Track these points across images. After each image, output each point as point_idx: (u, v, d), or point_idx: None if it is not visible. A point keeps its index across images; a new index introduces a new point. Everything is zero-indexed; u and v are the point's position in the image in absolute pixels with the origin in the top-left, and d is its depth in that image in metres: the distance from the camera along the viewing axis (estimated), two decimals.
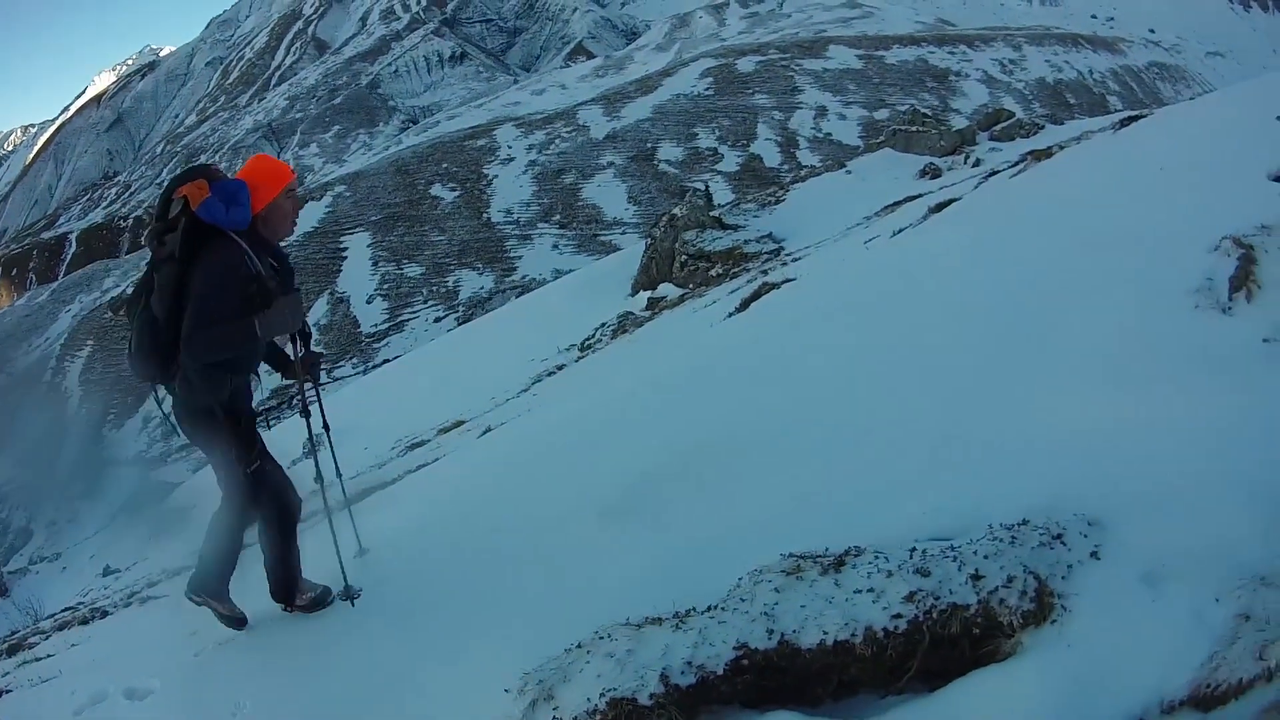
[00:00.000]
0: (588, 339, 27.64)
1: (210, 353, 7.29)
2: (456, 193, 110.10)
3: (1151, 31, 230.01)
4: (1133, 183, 11.88)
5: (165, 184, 7.76)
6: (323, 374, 9.32)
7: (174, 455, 78.29)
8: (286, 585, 8.82)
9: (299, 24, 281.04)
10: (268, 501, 8.47)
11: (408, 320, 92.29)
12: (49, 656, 13.04)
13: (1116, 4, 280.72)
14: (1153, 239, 9.13)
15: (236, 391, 8.03)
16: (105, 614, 16.25)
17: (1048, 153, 23.49)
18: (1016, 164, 25.08)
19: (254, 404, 8.70)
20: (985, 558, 5.22)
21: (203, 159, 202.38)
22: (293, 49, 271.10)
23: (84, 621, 16.19)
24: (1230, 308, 7.42)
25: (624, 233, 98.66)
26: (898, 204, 27.04)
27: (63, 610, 22.22)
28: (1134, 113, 32.91)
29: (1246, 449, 5.77)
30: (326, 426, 9.78)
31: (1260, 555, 4.90)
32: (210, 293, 7.24)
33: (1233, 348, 6.87)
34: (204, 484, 36.14)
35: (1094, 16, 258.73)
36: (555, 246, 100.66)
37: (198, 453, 9.04)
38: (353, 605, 8.40)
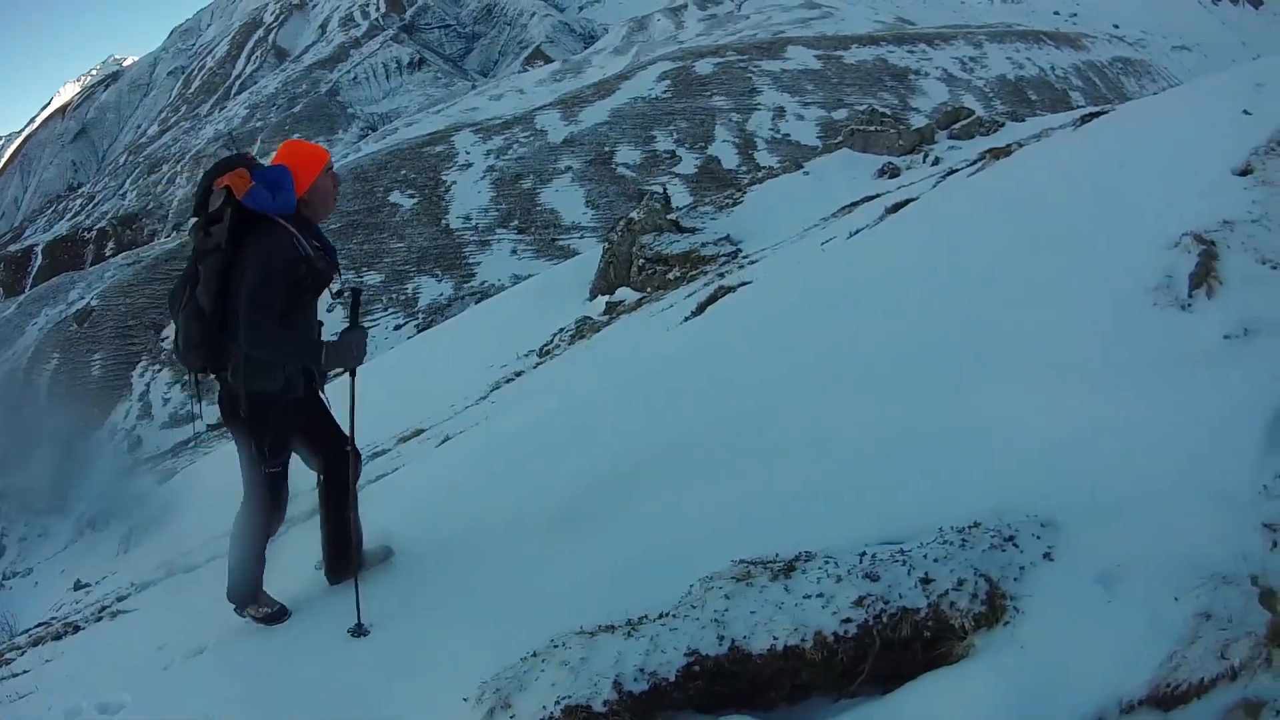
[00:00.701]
0: (546, 345, 27.67)
1: (269, 348, 7.36)
2: (415, 199, 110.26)
3: (1116, 27, 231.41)
4: (1093, 180, 11.88)
5: (201, 176, 7.75)
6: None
7: (142, 467, 77.53)
8: (245, 590, 8.69)
9: (259, 32, 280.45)
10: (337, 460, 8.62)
11: (368, 328, 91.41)
12: (25, 672, 13.00)
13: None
14: (1112, 236, 9.14)
15: (290, 380, 7.96)
16: (78, 629, 16.24)
17: (1007, 151, 23.66)
18: (975, 162, 25.19)
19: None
20: (935, 561, 5.24)
21: (164, 169, 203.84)
22: (253, 57, 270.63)
23: (57, 637, 16.14)
24: (1190, 304, 7.42)
25: (582, 237, 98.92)
26: (855, 204, 27.06)
27: (37, 625, 22.07)
28: (1096, 109, 33.09)
29: (1206, 448, 5.78)
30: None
31: (1221, 554, 4.90)
32: (264, 280, 7.28)
33: (1192, 345, 6.87)
34: (173, 493, 36.17)
35: (1056, 13, 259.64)
36: (514, 252, 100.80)
37: (166, 463, 8.83)
38: (354, 636, 7.98)
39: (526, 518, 8.60)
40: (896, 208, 19.90)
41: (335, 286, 8.12)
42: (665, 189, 44.41)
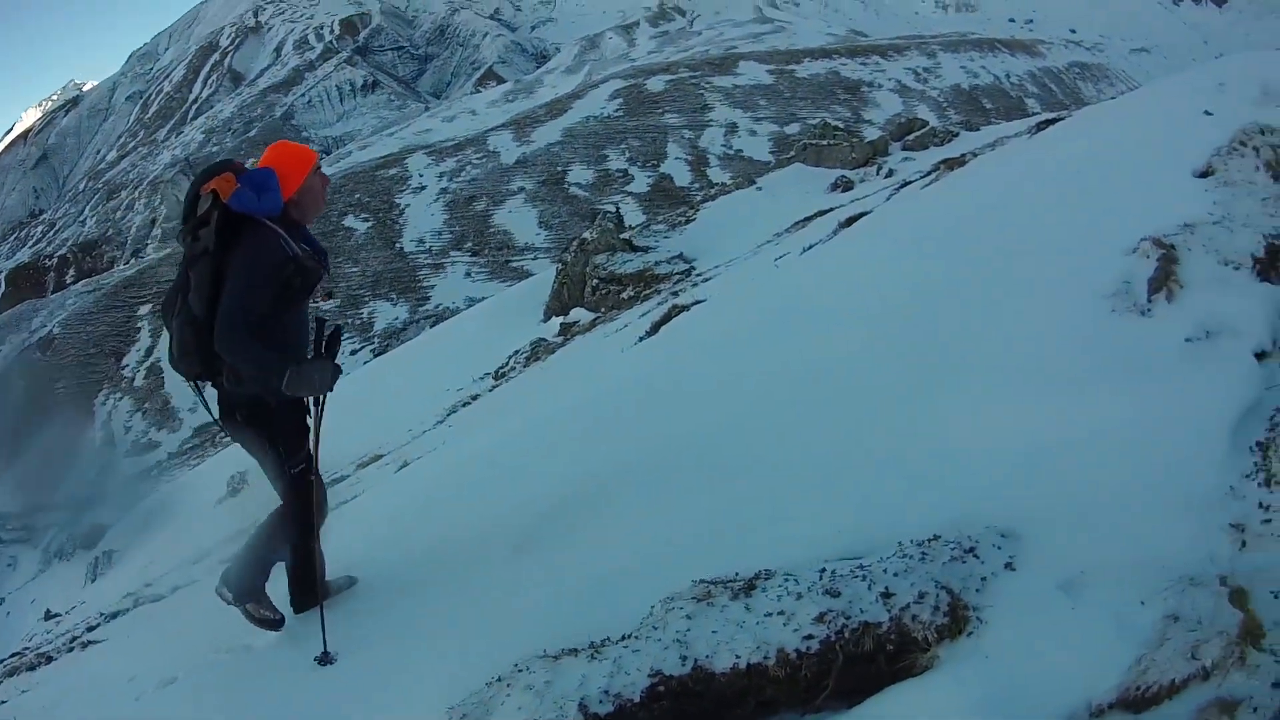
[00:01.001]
0: (501, 367, 27.74)
1: (236, 353, 7.19)
2: (369, 223, 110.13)
3: (1073, 31, 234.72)
4: (1049, 187, 11.91)
5: (190, 182, 7.67)
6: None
7: (105, 497, 77.52)
8: (250, 584, 8.48)
9: (215, 56, 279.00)
10: (296, 505, 8.29)
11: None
12: (3, 703, 13.23)
13: (1037, 6, 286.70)
14: (1069, 244, 9.15)
15: None
16: (50, 659, 16.46)
17: (961, 161, 23.65)
18: (929, 173, 25.26)
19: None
20: (895, 575, 5.27)
21: (123, 195, 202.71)
22: (209, 81, 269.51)
23: (31, 667, 16.37)
24: (1149, 309, 7.46)
25: (535, 258, 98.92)
26: (808, 219, 27.16)
27: (10, 656, 22.08)
28: (1052, 115, 33.43)
29: (1168, 451, 5.80)
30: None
31: (1187, 556, 4.94)
32: (248, 279, 7.23)
33: (1152, 350, 6.91)
34: (133, 525, 36.03)
35: (1012, 20, 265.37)
36: (468, 274, 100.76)
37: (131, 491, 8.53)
38: (321, 665, 7.80)
39: (488, 542, 8.58)
40: (850, 221, 19.95)
41: (327, 287, 8.24)
42: (618, 208, 44.97)
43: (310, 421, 8.23)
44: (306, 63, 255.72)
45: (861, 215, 20.00)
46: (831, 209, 27.20)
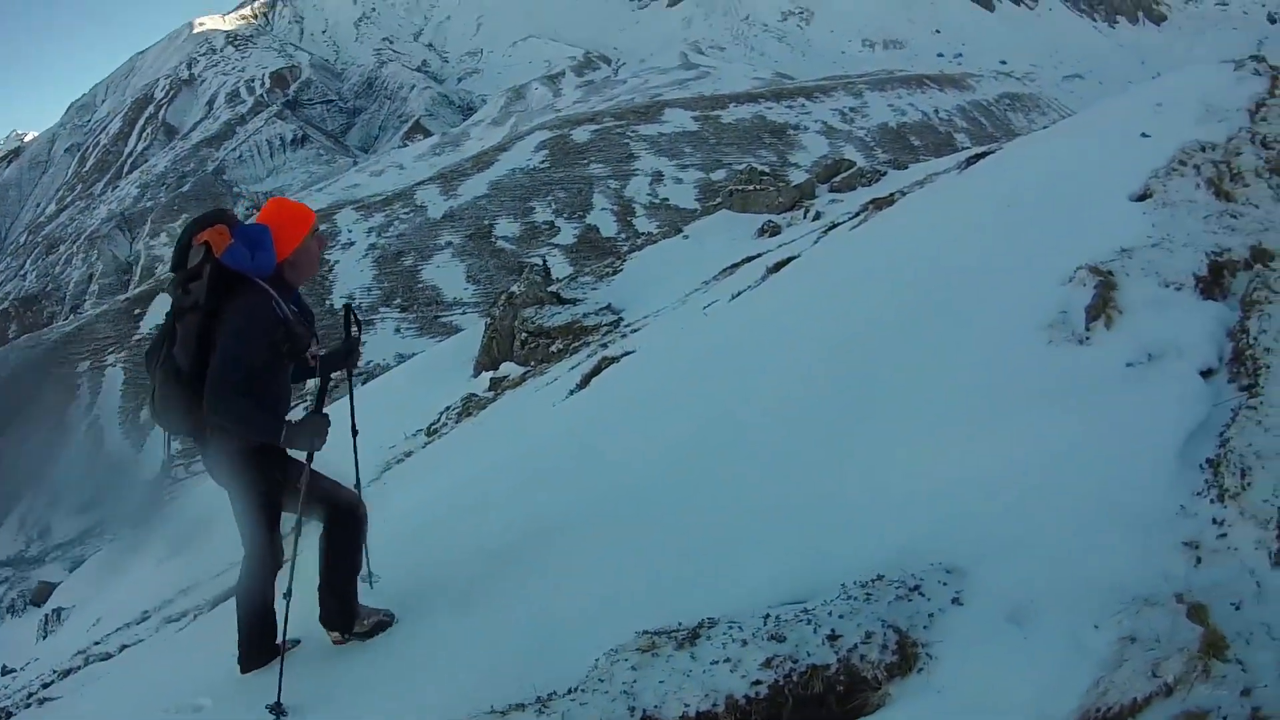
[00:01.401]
0: (434, 423, 27.42)
1: (228, 417, 7.05)
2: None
3: (1003, 63, 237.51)
4: (981, 222, 12.03)
5: (181, 229, 7.50)
6: (182, 469, 8.70)
7: (51, 555, 77.05)
8: (347, 610, 8.28)
9: (150, 109, 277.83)
10: (339, 511, 8.17)
11: (327, 414, 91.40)
12: None
13: (967, 39, 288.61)
14: (1003, 278, 9.25)
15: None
16: (10, 715, 16.30)
17: (890, 200, 23.86)
18: (857, 214, 25.24)
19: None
20: (840, 617, 5.24)
21: (61, 249, 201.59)
22: (144, 135, 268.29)
23: None
24: (1088, 338, 7.51)
25: (464, 313, 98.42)
26: (736, 266, 27.09)
27: None
28: (981, 149, 33.30)
29: (1114, 476, 5.80)
30: (355, 430, 9.30)
31: (1139, 577, 4.93)
32: (239, 342, 7.05)
33: (1092, 377, 6.93)
34: (82, 582, 35.85)
35: (940, 55, 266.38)
36: (398, 330, 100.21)
37: (75, 550, 8.35)
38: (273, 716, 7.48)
39: (429, 599, 8.49)
40: (778, 267, 19.93)
41: (313, 350, 7.87)
42: (545, 261, 44.99)
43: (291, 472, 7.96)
44: (238, 116, 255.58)
45: (790, 259, 20.04)
46: (759, 254, 27.22)
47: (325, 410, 7.61)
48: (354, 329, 8.26)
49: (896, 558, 5.65)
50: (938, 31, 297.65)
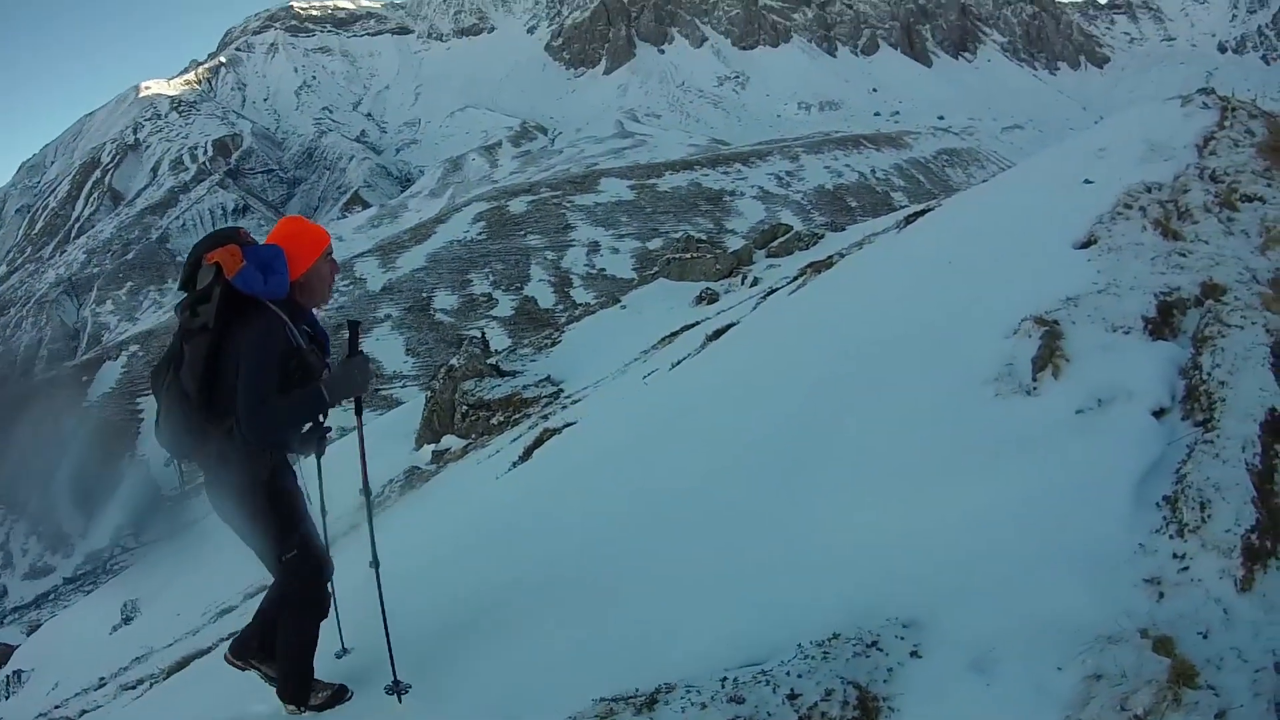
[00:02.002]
0: (377, 496, 27.09)
1: (282, 429, 6.98)
2: None
3: (941, 118, 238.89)
4: (920, 281, 12.07)
5: (192, 248, 7.18)
6: (131, 538, 8.43)
7: (9, 617, 76.95)
8: (301, 682, 7.89)
9: (97, 173, 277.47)
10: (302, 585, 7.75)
11: (200, 482, 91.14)
12: None
13: (903, 96, 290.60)
14: (947, 334, 9.25)
15: (278, 468, 7.37)
16: None
17: (828, 263, 23.83)
18: (795, 279, 25.22)
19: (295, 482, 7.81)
20: (799, 676, 5.18)
21: (11, 312, 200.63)
22: (91, 199, 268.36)
23: None
24: (1035, 388, 7.53)
25: (404, 386, 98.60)
26: (675, 334, 27.20)
27: None
28: (920, 207, 33.91)
29: (1071, 519, 5.79)
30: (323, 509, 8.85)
31: (1101, 617, 4.91)
32: (259, 372, 6.78)
33: (1042, 428, 6.92)
34: (38, 648, 35.74)
35: (877, 114, 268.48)
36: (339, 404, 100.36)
37: (31, 613, 8.06)
38: (400, 701, 7.36)
39: (376, 672, 8.09)
40: (718, 334, 19.93)
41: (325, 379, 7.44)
42: (484, 333, 45.48)
43: (305, 494, 7.97)
44: (181, 184, 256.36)
45: (729, 326, 20.07)
46: (698, 322, 27.43)
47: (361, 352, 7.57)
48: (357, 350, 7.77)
49: (852, 615, 5.63)
50: (874, 90, 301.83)
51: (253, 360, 6.74)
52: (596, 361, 30.16)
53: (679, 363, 18.52)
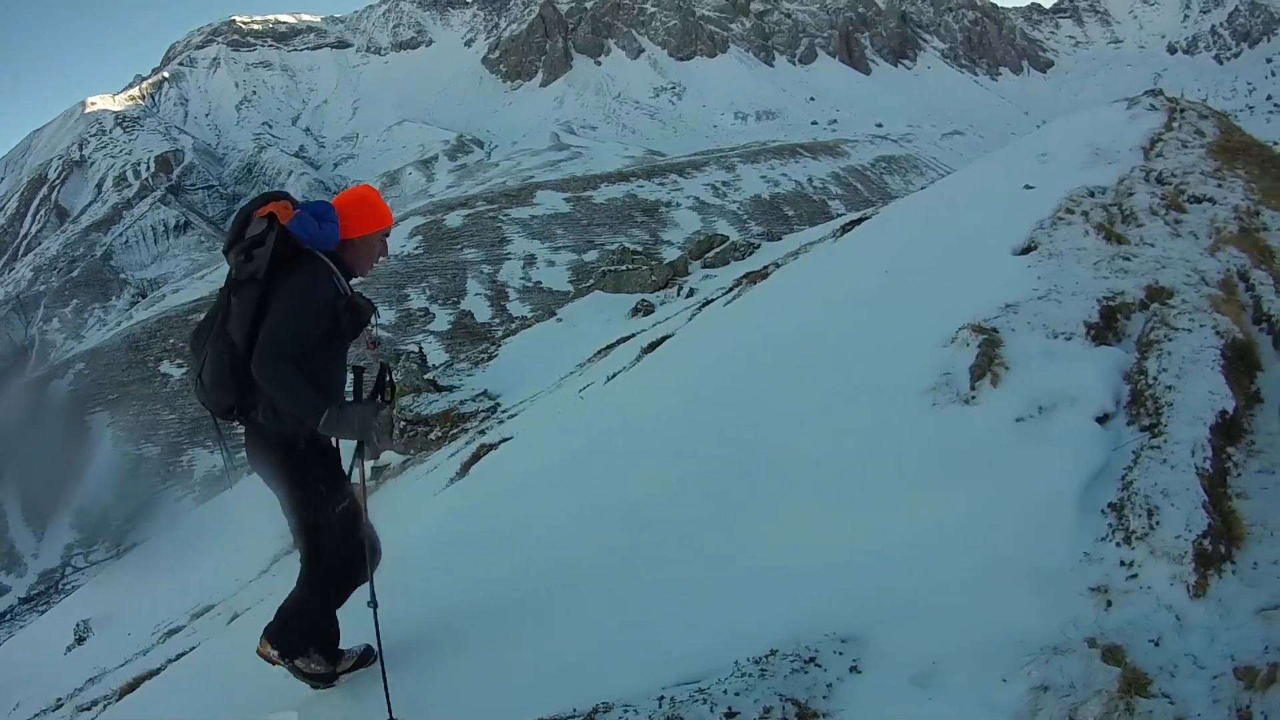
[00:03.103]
0: None
1: (274, 381, 6.60)
2: (184, 369, 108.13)
3: (879, 125, 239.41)
4: (856, 290, 12.11)
5: (239, 209, 7.12)
6: (81, 557, 8.16)
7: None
8: (298, 638, 7.57)
9: (44, 190, 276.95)
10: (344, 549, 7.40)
11: (149, 502, 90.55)
12: None
13: (841, 104, 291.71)
14: (883, 344, 9.28)
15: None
16: None
17: (764, 273, 23.83)
18: (731, 289, 25.44)
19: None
20: (737, 694, 5.11)
21: None
22: (38, 216, 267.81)
23: None
24: (974, 398, 7.49)
25: None
26: (611, 347, 27.26)
27: None
28: (857, 215, 34.00)
29: (1014, 530, 5.77)
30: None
31: (1046, 628, 4.88)
32: (297, 309, 6.70)
33: (981, 437, 6.89)
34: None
35: (814, 123, 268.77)
36: None
37: None
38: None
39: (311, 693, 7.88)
40: (653, 347, 19.93)
41: (373, 335, 7.58)
42: (420, 348, 45.71)
43: (350, 467, 7.52)
44: (125, 200, 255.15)
45: (665, 339, 20.03)
46: (634, 335, 27.41)
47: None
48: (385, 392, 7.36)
49: (790, 631, 5.55)
50: (811, 99, 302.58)
51: (293, 300, 6.70)
52: (533, 375, 30.28)
53: (614, 376, 18.61)
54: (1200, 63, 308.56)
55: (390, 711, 6.25)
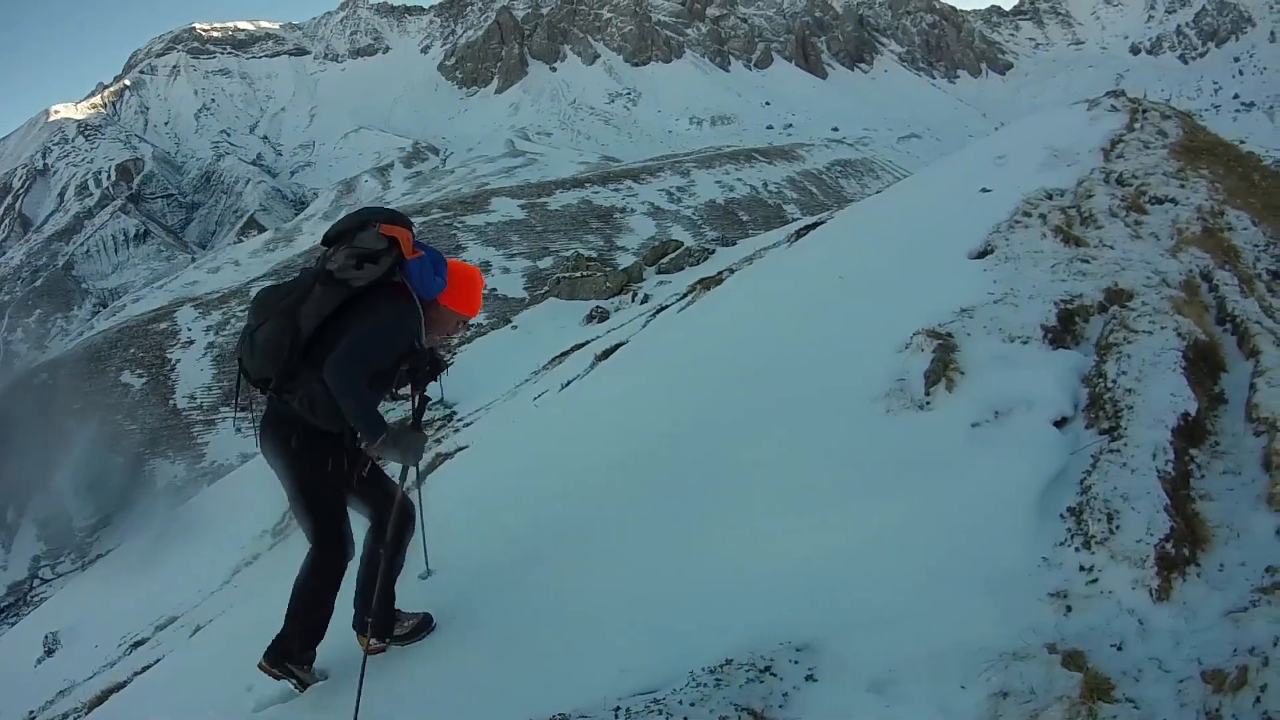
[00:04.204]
0: (278, 524, 27.21)
1: (346, 390, 6.67)
2: (144, 379, 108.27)
3: (835, 129, 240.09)
4: (811, 296, 12.11)
5: (360, 210, 7.33)
6: (48, 569, 8.16)
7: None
8: (387, 615, 7.71)
9: (8, 199, 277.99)
10: (390, 510, 7.44)
11: (114, 514, 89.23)
12: None
13: (797, 109, 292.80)
14: (838, 351, 9.27)
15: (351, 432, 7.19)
16: None
17: (718, 279, 23.84)
18: (685, 295, 25.43)
19: None
20: (692, 704, 5.07)
21: None
22: (2, 225, 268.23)
23: None
24: (929, 403, 7.46)
25: None
26: (566, 354, 27.37)
27: None
28: (812, 219, 33.92)
29: (972, 536, 5.74)
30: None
31: (1005, 634, 4.85)
32: (383, 336, 6.89)
33: (937, 443, 6.88)
34: None
35: (770, 127, 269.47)
36: (239, 430, 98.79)
37: None
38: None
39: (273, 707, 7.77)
40: (607, 354, 19.98)
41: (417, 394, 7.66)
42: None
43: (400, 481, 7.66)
44: (86, 209, 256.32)
45: (619, 346, 20.10)
46: (588, 342, 27.54)
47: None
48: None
49: (745, 640, 5.51)
50: (767, 103, 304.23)
51: (385, 326, 6.87)
52: (488, 383, 30.34)
53: (569, 383, 18.63)
54: (1164, 63, 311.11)
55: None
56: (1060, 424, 6.63)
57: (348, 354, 6.63)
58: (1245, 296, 8.76)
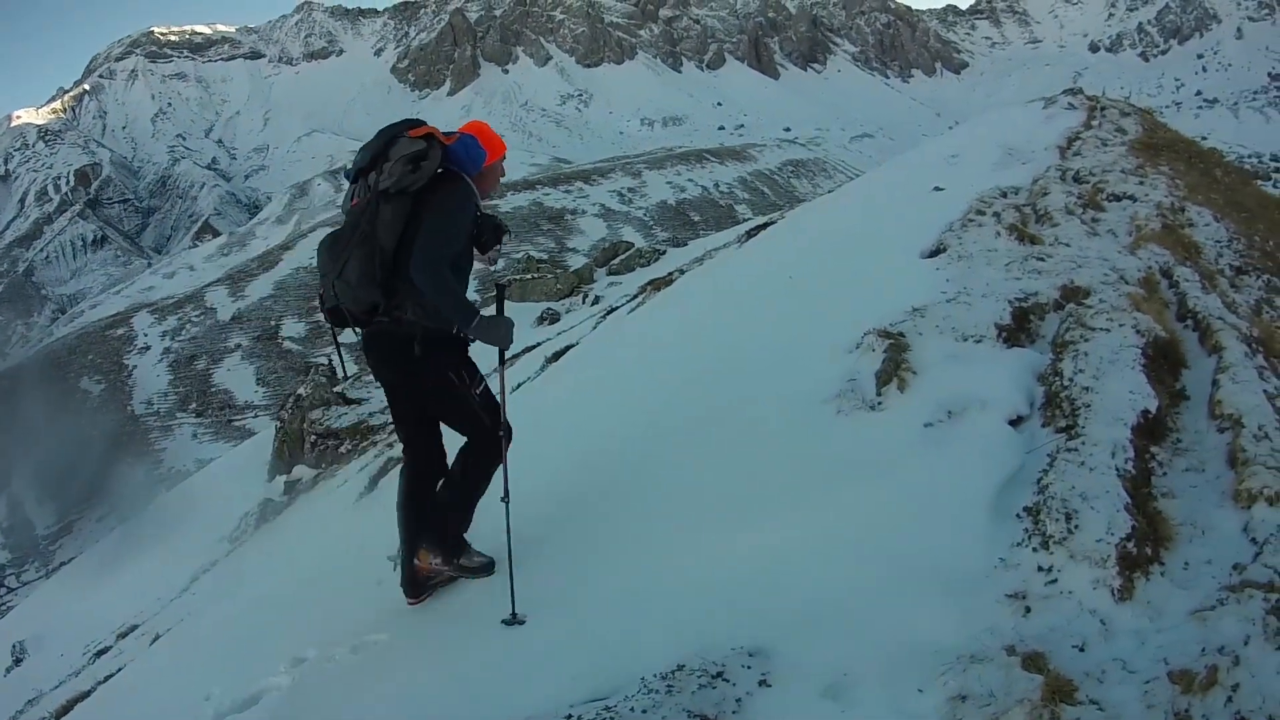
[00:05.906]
0: (235, 530, 27.47)
1: (437, 286, 7.15)
2: (102, 385, 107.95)
3: (787, 129, 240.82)
4: (761, 297, 12.06)
5: (377, 133, 7.63)
6: (14, 578, 8.17)
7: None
8: (459, 538, 7.98)
9: None
10: (489, 430, 7.85)
11: (75, 521, 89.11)
12: None
13: (749, 109, 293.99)
14: (787, 352, 9.19)
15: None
16: None
17: (668, 280, 23.84)
18: (636, 296, 25.45)
19: None
20: (644, 711, 5.02)
21: None
22: None
23: None
24: (880, 404, 7.41)
25: (256, 416, 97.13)
26: (515, 356, 26.98)
27: None
28: (763, 219, 33.97)
29: (921, 538, 5.67)
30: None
31: (963, 636, 4.79)
32: (450, 225, 7.34)
33: (889, 443, 6.81)
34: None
35: (722, 128, 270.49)
36: (195, 436, 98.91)
37: None
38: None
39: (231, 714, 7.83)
40: (557, 356, 19.99)
41: (494, 255, 8.24)
42: (330, 361, 45.02)
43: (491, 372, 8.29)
44: (46, 215, 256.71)
45: (569, 348, 20.16)
46: (538, 344, 27.30)
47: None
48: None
49: (697, 645, 5.45)
50: (719, 104, 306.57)
51: (446, 218, 7.28)
52: None
53: (518, 387, 18.44)
54: (1124, 60, 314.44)
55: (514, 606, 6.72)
56: (1016, 423, 6.60)
57: (426, 253, 7.04)
58: (1206, 293, 8.75)
